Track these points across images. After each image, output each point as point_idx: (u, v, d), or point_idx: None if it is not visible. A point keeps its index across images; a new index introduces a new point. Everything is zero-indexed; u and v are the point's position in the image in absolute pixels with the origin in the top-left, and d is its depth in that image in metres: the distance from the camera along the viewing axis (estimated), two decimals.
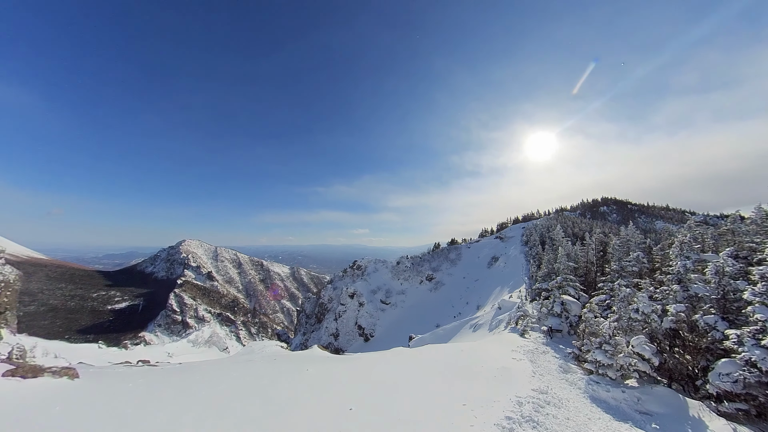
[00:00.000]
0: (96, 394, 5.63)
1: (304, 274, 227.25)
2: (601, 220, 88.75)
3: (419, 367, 9.98)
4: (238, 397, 6.10)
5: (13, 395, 4.74)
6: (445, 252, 74.23)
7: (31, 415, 4.18)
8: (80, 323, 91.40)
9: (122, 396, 5.73)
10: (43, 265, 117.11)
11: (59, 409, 4.49)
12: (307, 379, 8.01)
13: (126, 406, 5.11)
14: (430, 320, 46.78)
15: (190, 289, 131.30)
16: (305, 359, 12.38)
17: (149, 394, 6.09)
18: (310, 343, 63.88)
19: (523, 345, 14.56)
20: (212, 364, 11.66)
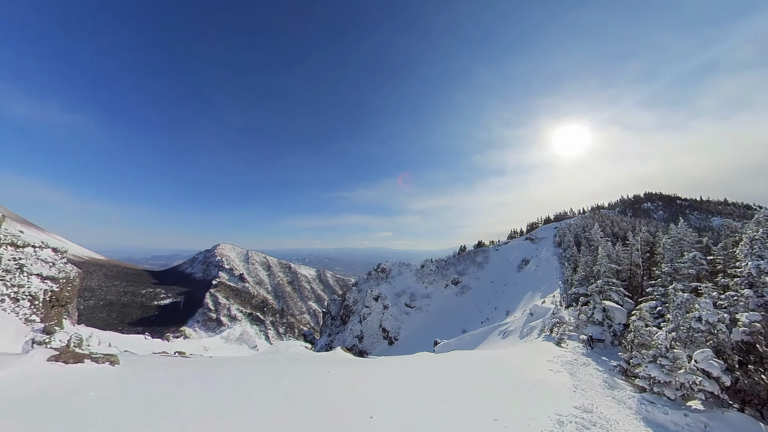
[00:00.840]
0: (131, 381, 5.95)
1: (329, 276, 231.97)
2: (645, 217, 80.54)
3: (445, 375, 9.35)
4: (258, 395, 6.11)
5: (55, 379, 4.97)
6: (472, 255, 71.73)
7: (69, 398, 4.37)
8: (131, 316, 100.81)
9: (154, 383, 6.09)
10: (101, 265, 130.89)
11: (93, 394, 4.66)
12: (328, 382, 7.75)
13: (156, 392, 5.41)
14: (456, 325, 45.20)
15: (224, 290, 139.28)
16: (328, 361, 12.21)
17: (177, 383, 6.43)
18: (335, 344, 64.58)
19: (559, 355, 13.28)
20: (239, 360, 11.88)
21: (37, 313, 27.24)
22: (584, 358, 13.23)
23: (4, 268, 28.03)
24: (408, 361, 12.35)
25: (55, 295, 30.48)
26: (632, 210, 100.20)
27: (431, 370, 10.03)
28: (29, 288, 28.02)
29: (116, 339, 34.92)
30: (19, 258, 29.92)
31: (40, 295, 28.13)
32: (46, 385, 4.61)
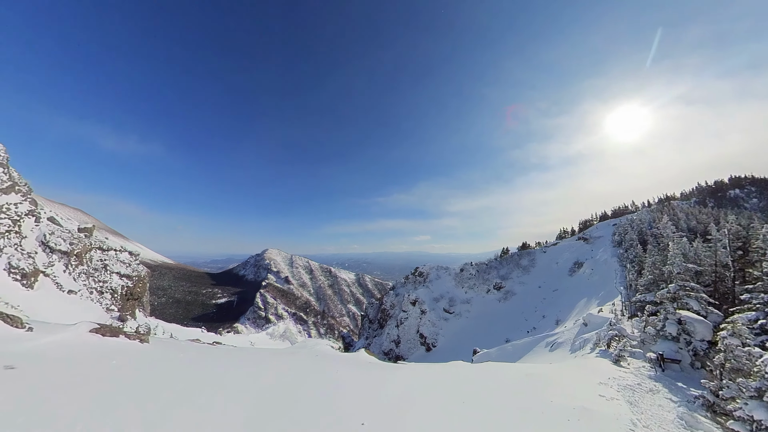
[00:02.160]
0: (150, 356, 6.58)
1: (368, 280, 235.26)
2: (732, 207, 65.26)
3: (467, 389, 8.04)
4: (244, 384, 5.94)
5: (90, 347, 5.99)
6: (516, 258, 66.24)
7: (94, 362, 5.21)
8: (194, 312, 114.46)
9: (167, 361, 6.63)
10: (171, 268, 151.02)
11: (115, 362, 5.41)
12: (329, 381, 7.09)
13: (164, 369, 5.91)
14: (498, 333, 41.73)
15: (272, 290, 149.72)
16: (346, 361, 11.56)
17: (187, 363, 6.82)
18: (372, 347, 64.49)
19: (617, 376, 10.86)
20: (258, 351, 11.93)
21: (115, 304, 31.83)
22: (651, 382, 10.60)
23: (94, 267, 33.19)
24: (432, 369, 11.14)
25: (130, 290, 35.29)
26: (714, 199, 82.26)
27: (453, 382, 8.76)
28: (110, 283, 32.74)
29: (178, 330, 39.41)
30: (104, 259, 35.11)
31: (118, 290, 32.84)
32: (81, 350, 5.65)
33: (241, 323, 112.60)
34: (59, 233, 29.37)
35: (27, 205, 27.60)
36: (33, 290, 23.07)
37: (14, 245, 24.02)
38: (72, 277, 27.63)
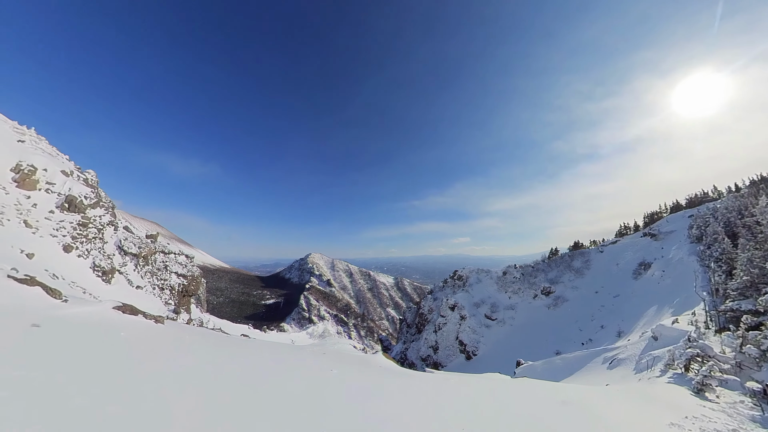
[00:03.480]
0: (158, 335, 6.97)
1: (407, 284, 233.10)
2: None
3: (482, 414, 6.62)
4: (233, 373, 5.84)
5: (109, 320, 6.79)
6: (567, 259, 59.27)
7: (106, 332, 5.86)
8: (246, 312, 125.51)
9: (174, 341, 7.01)
10: (227, 272, 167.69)
11: (123, 334, 5.98)
12: (312, 381, 6.22)
13: (167, 348, 6.22)
14: (547, 344, 37.31)
15: (315, 293, 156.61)
16: (352, 363, 10.68)
17: (189, 346, 7.06)
18: (409, 353, 62.95)
19: (699, 415, 8.18)
20: (270, 345, 11.64)
21: (173, 298, 36.01)
22: (754, 427, 7.79)
23: (157, 267, 37.99)
24: (446, 383, 9.58)
25: (185, 288, 39.69)
26: None
27: (461, 405, 7.28)
28: (169, 281, 37.09)
29: (227, 325, 42.72)
30: (165, 261, 39.94)
31: (175, 287, 37.18)
32: (99, 321, 6.41)
33: (287, 323, 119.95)
34: (131, 239, 34.33)
35: (108, 217, 32.75)
36: (110, 285, 27.30)
37: (98, 249, 28.71)
38: (140, 275, 32.14)
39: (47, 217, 26.33)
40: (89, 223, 29.32)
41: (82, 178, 33.20)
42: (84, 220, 28.90)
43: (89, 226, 29.14)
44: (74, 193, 29.49)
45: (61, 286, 19.34)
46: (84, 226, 28.58)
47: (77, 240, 27.22)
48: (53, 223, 26.37)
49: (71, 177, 31.40)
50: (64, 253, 25.24)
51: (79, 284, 22.56)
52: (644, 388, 11.44)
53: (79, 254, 26.53)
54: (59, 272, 21.91)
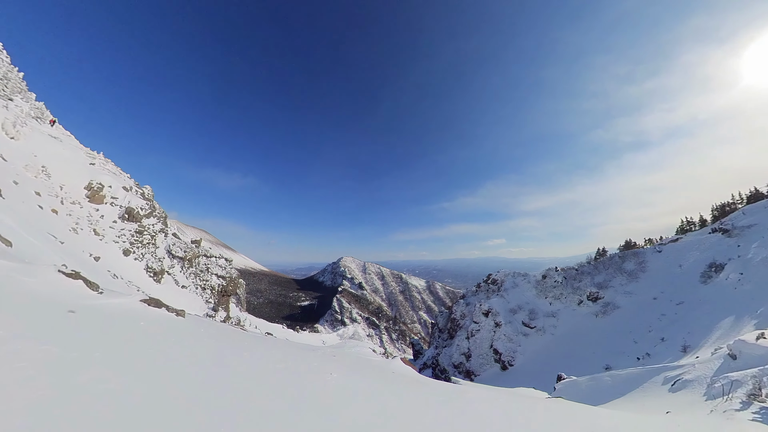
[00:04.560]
0: (175, 326, 7.38)
1: (439, 288, 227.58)
2: None
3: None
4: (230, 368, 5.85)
5: (134, 311, 7.27)
6: (617, 260, 53.12)
7: (128, 321, 6.36)
8: (283, 312, 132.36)
9: (188, 333, 7.28)
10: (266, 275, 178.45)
11: (142, 324, 6.44)
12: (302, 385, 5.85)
13: (180, 339, 6.48)
14: (594, 357, 33.51)
15: (347, 296, 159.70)
16: (366, 368, 10.16)
17: (201, 340, 7.29)
18: (441, 358, 60.92)
19: None
20: (287, 344, 11.67)
21: (213, 298, 39.07)
22: None
23: (200, 269, 41.51)
24: (468, 396, 8.54)
25: (224, 288, 42.88)
26: None
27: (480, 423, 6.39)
28: (210, 282, 40.25)
29: (263, 324, 45.10)
30: (207, 263, 43.47)
31: (215, 287, 40.37)
32: (125, 311, 7.01)
33: (320, 324, 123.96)
34: (178, 244, 37.96)
35: (160, 225, 36.51)
36: (160, 284, 30.42)
37: (151, 253, 32.13)
38: (185, 275, 35.44)
39: (111, 226, 30.00)
40: (144, 230, 32.88)
41: (140, 193, 37.44)
42: (140, 228, 32.46)
43: (144, 233, 32.68)
44: (133, 205, 33.32)
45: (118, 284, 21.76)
46: (140, 233, 32.09)
47: (134, 245, 30.64)
48: (115, 231, 29.97)
49: (131, 192, 35.55)
50: (123, 257, 28.55)
51: (134, 283, 25.30)
52: (720, 425, 9.36)
53: (136, 257, 29.85)
54: (119, 273, 24.73)
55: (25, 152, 26.74)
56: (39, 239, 16.89)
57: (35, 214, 20.85)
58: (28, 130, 29.78)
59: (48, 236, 19.06)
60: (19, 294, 5.73)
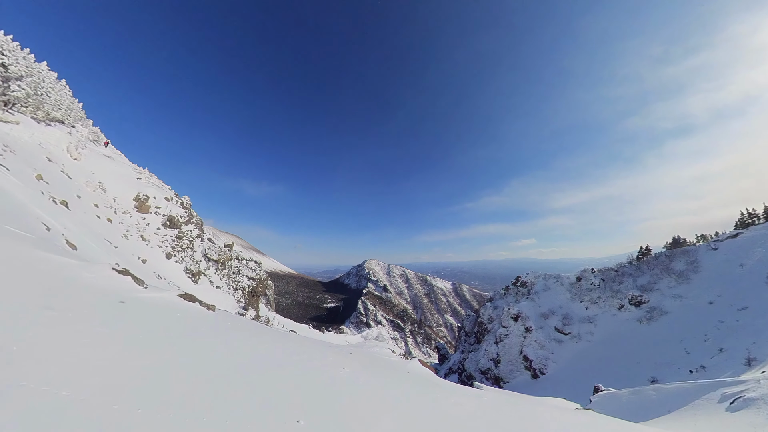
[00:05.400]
0: (204, 318, 8.23)
1: (466, 290, 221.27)
2: None
3: None
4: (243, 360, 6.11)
5: (172, 304, 8.28)
6: (664, 260, 48.38)
7: (166, 312, 7.29)
8: (310, 314, 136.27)
9: (213, 326, 7.88)
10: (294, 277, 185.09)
11: (178, 315, 7.40)
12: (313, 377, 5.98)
13: (205, 332, 7.17)
14: (638, 368, 30.75)
15: (371, 298, 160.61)
16: (381, 367, 10.17)
17: (225, 333, 7.86)
18: (468, 363, 59.22)
19: None
20: (305, 340, 12.10)
21: (244, 298, 41.47)
22: None
23: (232, 271, 44.28)
24: (484, 399, 8.34)
25: (254, 289, 45.40)
26: None
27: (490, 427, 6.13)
28: (241, 283, 42.77)
29: (290, 324, 46.92)
30: (239, 266, 46.25)
31: (246, 288, 42.87)
32: (164, 304, 7.96)
33: (346, 326, 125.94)
34: (213, 248, 40.81)
35: (197, 231, 39.49)
36: (197, 284, 32.96)
37: (189, 256, 34.88)
38: (219, 277, 38.02)
39: (155, 233, 33.04)
40: (183, 236, 35.80)
41: (179, 203, 40.90)
42: (180, 234, 35.38)
43: (183, 238, 35.58)
44: (173, 214, 36.44)
45: (161, 283, 23.96)
46: (180, 238, 34.97)
47: (175, 249, 33.47)
48: (159, 237, 32.94)
49: (171, 202, 38.94)
50: (165, 260, 31.32)
51: (175, 283, 27.66)
52: None
53: (176, 260, 32.60)
54: (162, 273, 27.18)
55: (85, 170, 30.43)
56: (98, 244, 19.16)
57: (94, 222, 23.65)
58: (87, 152, 33.92)
59: (104, 241, 21.54)
60: (82, 286, 6.84)
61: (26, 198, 15.26)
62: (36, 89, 32.20)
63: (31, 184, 18.47)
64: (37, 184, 19.36)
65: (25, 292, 5.15)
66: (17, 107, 30.31)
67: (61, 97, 36.77)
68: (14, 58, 30.33)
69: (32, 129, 28.57)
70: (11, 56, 30.13)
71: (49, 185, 20.89)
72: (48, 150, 27.30)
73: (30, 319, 4.12)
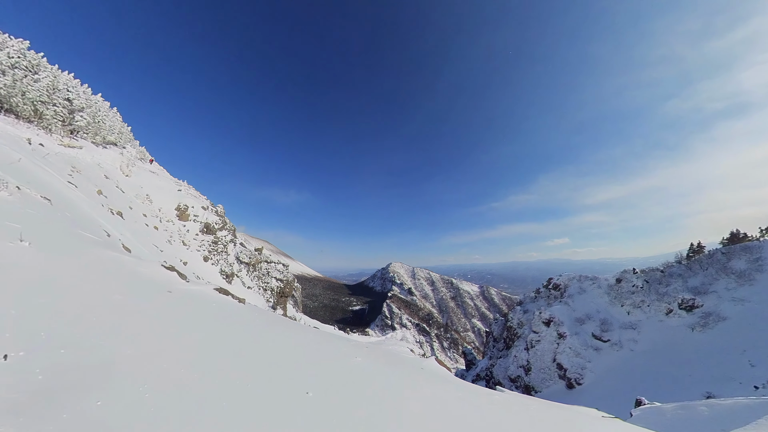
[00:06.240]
0: (235, 309, 9.37)
1: (494, 293, 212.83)
2: None
3: None
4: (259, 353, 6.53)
5: (208, 296, 9.81)
6: (720, 258, 43.39)
7: (202, 302, 8.59)
8: (336, 316, 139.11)
9: (240, 315, 8.90)
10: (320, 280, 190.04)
11: (214, 305, 8.69)
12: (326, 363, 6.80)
13: (230, 322, 8.02)
14: (690, 381, 27.83)
15: (396, 301, 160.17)
16: (395, 362, 10.50)
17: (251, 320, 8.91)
18: (496, 370, 56.98)
19: None
20: (323, 333, 12.90)
21: (273, 298, 43.73)
22: None
23: (262, 273, 46.91)
24: (495, 397, 8.34)
25: (282, 289, 47.74)
26: None
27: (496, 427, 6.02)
28: (270, 284, 45.13)
29: (317, 324, 48.44)
30: (268, 268, 48.90)
31: (275, 288, 45.19)
32: (204, 295, 9.42)
33: (371, 329, 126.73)
34: (245, 252, 43.53)
35: (230, 236, 42.44)
36: (231, 285, 35.36)
37: (224, 259, 37.58)
38: (250, 278, 40.47)
39: (194, 238, 36.08)
40: (218, 241, 38.69)
41: (214, 211, 44.36)
42: (215, 239, 38.28)
43: (218, 243, 38.45)
44: (209, 221, 39.58)
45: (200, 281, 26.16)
46: (215, 243, 37.84)
47: (211, 253, 36.27)
48: (197, 242, 35.91)
49: (208, 210, 42.32)
50: (203, 262, 34.08)
51: (212, 283, 30.10)
52: None
53: (212, 263, 35.31)
54: (200, 274, 29.64)
55: (135, 185, 34.24)
56: (147, 248, 21.51)
57: (143, 230, 26.55)
58: (136, 169, 38.18)
59: (152, 246, 24.09)
60: (139, 278, 8.49)
61: (90, 209, 17.66)
62: (94, 118, 37.03)
63: (94, 198, 21.32)
64: (97, 197, 22.30)
65: (103, 280, 6.74)
66: (80, 134, 35.13)
67: (114, 123, 41.88)
68: (76, 93, 35.24)
69: (92, 152, 32.91)
70: (74, 92, 35.04)
71: (107, 198, 23.93)
72: (105, 169, 31.23)
73: (106, 300, 5.63)
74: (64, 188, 16.93)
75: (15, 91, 27.47)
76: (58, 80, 33.07)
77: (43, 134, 28.89)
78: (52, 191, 13.92)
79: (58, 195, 14.13)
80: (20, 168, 13.74)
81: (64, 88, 33.95)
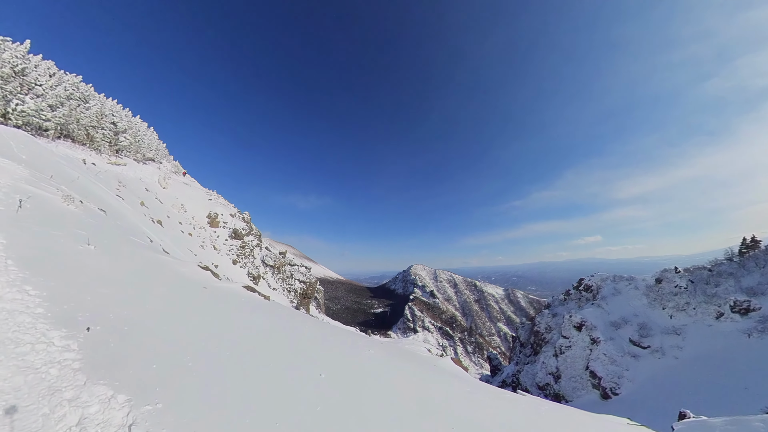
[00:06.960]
0: (260, 304, 10.65)
1: (520, 296, 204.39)
2: None
3: None
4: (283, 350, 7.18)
5: (237, 292, 11.18)
6: None
7: (232, 297, 10.02)
8: (358, 318, 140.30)
9: (262, 308, 10.03)
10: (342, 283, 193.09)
11: (243, 299, 10.24)
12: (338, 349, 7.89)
13: (264, 311, 9.45)
14: (746, 393, 25.21)
15: (418, 304, 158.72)
16: (407, 358, 10.97)
17: (274, 315, 9.91)
18: (523, 376, 54.70)
19: None
20: (340, 329, 14.19)
21: (296, 298, 45.38)
22: None
23: (286, 275, 48.90)
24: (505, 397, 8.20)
25: (305, 291, 49.43)
26: None
27: None
28: (294, 285, 46.93)
29: (337, 325, 49.53)
30: (292, 271, 50.88)
31: (298, 290, 46.90)
32: (234, 292, 10.79)
33: (393, 331, 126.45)
34: (270, 256, 45.64)
35: (256, 241, 44.70)
36: (257, 286, 37.01)
37: (251, 262, 39.72)
38: (275, 280, 42.44)
39: (224, 243, 38.50)
40: (246, 245, 40.93)
41: (241, 217, 46.99)
42: (243, 244, 40.56)
43: (245, 247, 40.68)
44: (237, 227, 42.03)
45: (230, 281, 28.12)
46: (243, 247, 40.08)
47: (239, 257, 38.48)
48: (227, 247, 38.26)
49: (235, 217, 44.97)
50: (232, 265, 36.25)
51: (241, 282, 32.31)
52: None
53: (240, 266, 37.48)
54: (230, 276, 31.65)
55: (171, 196, 37.36)
56: (183, 252, 23.49)
57: (180, 236, 28.97)
58: (171, 182, 41.66)
59: (188, 250, 26.22)
60: (179, 276, 9.93)
61: (135, 219, 19.74)
62: (135, 137, 41.01)
63: (137, 209, 23.76)
64: (140, 208, 24.78)
65: (153, 277, 8.18)
66: (124, 152, 39.08)
67: (152, 141, 46.08)
68: (119, 117, 39.28)
69: (134, 168, 36.50)
70: (118, 116, 39.07)
71: (148, 209, 26.50)
72: (145, 182, 34.50)
73: (157, 292, 7.03)
74: (114, 201, 19.16)
75: (71, 119, 31.22)
76: (104, 106, 37.16)
77: (94, 155, 32.57)
78: (106, 203, 16.02)
79: (110, 207, 16.21)
80: (79, 185, 15.94)
81: (110, 113, 38.01)
